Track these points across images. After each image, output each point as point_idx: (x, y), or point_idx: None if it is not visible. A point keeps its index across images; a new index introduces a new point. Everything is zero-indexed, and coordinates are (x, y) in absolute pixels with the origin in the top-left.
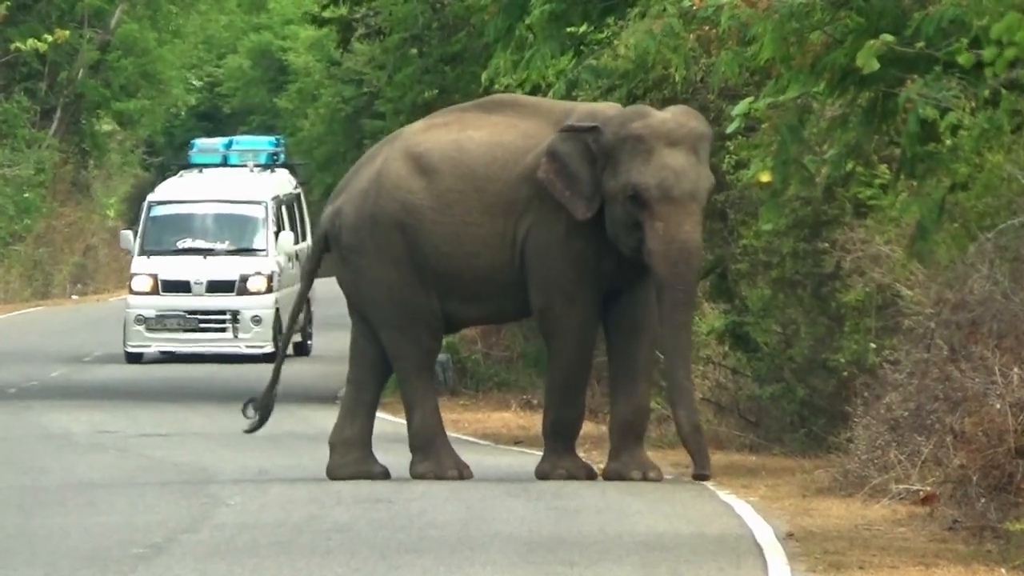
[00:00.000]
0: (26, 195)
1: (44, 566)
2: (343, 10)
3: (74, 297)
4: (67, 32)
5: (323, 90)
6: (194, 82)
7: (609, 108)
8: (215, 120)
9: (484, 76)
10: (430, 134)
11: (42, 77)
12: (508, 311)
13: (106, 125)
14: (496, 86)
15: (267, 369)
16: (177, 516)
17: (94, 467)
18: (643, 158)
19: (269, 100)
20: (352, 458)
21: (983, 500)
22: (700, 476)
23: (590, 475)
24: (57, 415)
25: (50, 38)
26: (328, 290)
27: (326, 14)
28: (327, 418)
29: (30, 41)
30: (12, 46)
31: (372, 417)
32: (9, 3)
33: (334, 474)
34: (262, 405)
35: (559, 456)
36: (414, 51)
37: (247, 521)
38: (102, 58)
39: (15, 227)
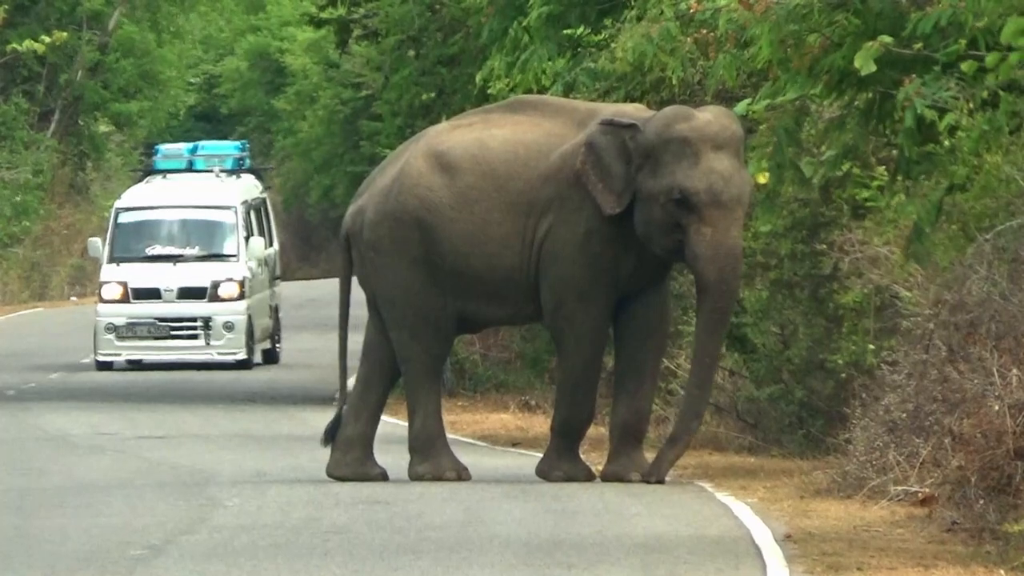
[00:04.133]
0: (23, 198)
1: (42, 567)
2: (341, 11)
3: (73, 299)
4: (64, 34)
5: (321, 92)
6: (191, 80)
7: (635, 109)
8: (213, 121)
9: (479, 77)
10: (454, 133)
11: (40, 79)
12: (528, 312)
13: (103, 127)
14: (490, 88)
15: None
16: (175, 518)
17: (92, 469)
18: (690, 161)
19: (266, 102)
20: (352, 457)
21: (982, 501)
22: (648, 477)
23: (589, 477)
24: (55, 417)
25: (47, 39)
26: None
27: (324, 15)
28: (325, 419)
29: (27, 42)
30: (9, 47)
31: (377, 418)
32: (8, 5)
33: (333, 472)
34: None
35: (560, 456)
36: (411, 53)
37: (245, 523)
38: (101, 59)
39: (13, 229)
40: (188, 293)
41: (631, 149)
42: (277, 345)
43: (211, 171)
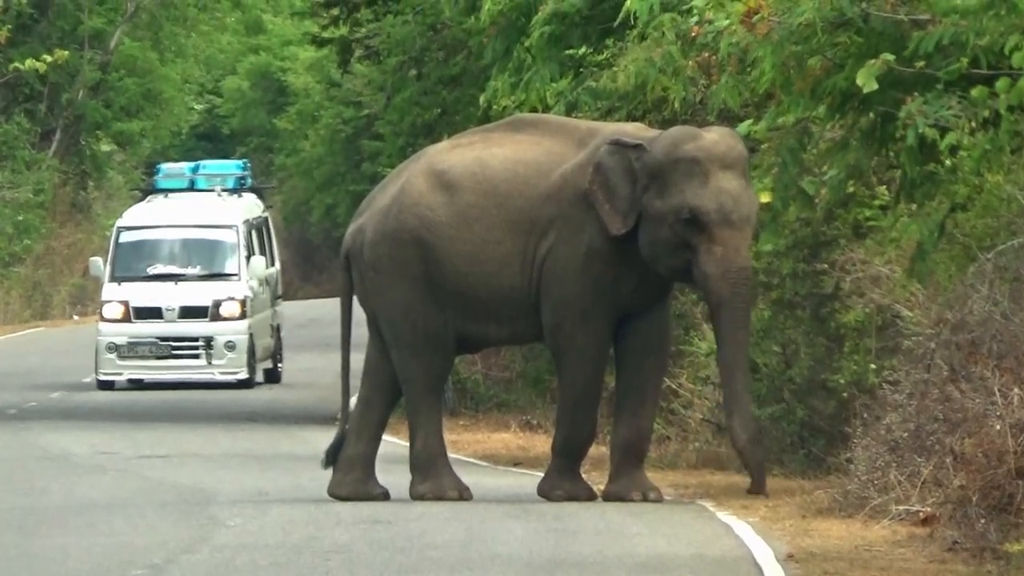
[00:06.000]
0: (25, 217)
1: None
2: (343, 30)
3: (74, 318)
4: (66, 53)
5: (323, 111)
6: (195, 106)
7: (636, 128)
8: (215, 140)
9: (482, 98)
10: (454, 152)
11: (42, 98)
12: (529, 332)
13: (105, 146)
14: (494, 108)
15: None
16: (177, 537)
17: (94, 488)
18: (699, 181)
19: (268, 121)
20: (353, 477)
21: (983, 521)
22: (755, 493)
23: (590, 496)
24: (57, 436)
25: (49, 59)
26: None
27: (326, 35)
28: (326, 439)
29: (29, 62)
30: (11, 66)
31: (378, 438)
32: (11, 25)
33: (334, 492)
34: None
35: (561, 476)
36: (413, 73)
37: (246, 542)
38: (103, 78)
39: (15, 248)
40: (189, 312)
41: (637, 169)
42: (279, 365)
43: (212, 190)
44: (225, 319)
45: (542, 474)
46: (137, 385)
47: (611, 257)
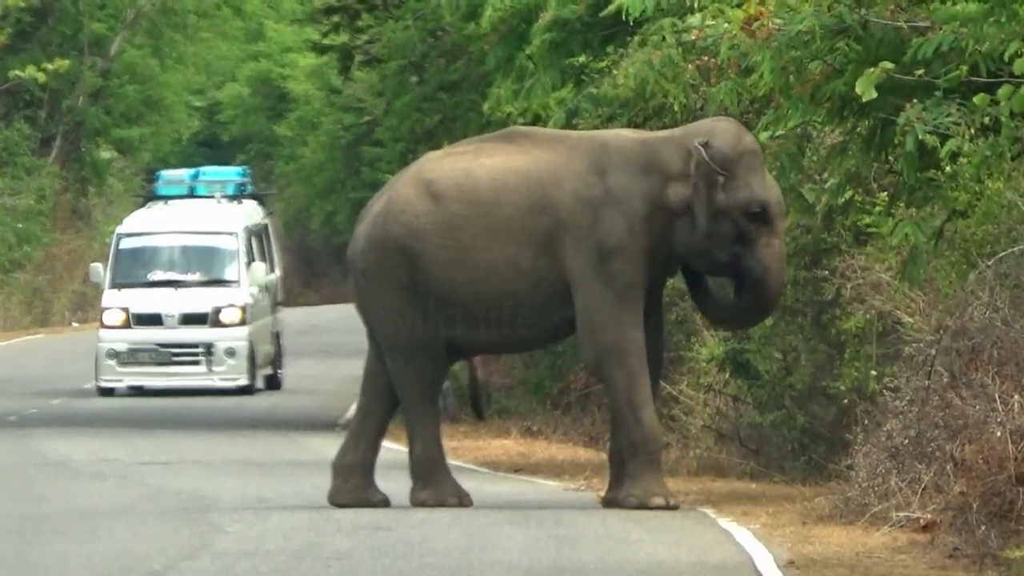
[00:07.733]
0: (25, 224)
1: None
2: (344, 37)
3: (75, 324)
4: (66, 62)
5: (323, 118)
6: (196, 103)
7: (634, 134)
8: (215, 147)
9: (485, 106)
10: (445, 161)
11: (42, 105)
12: (519, 337)
13: (105, 152)
14: (497, 115)
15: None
16: (177, 544)
17: (94, 495)
18: (759, 174)
19: (268, 128)
20: (353, 484)
21: (984, 527)
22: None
23: (673, 503)
24: (57, 443)
25: (49, 67)
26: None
27: (326, 42)
28: (327, 446)
29: (28, 69)
30: (11, 73)
31: (377, 445)
32: (9, 30)
33: (334, 499)
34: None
35: (648, 479)
36: (413, 79)
37: (247, 548)
38: (104, 85)
39: (15, 255)
40: (190, 319)
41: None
42: (279, 371)
43: (212, 197)
44: (225, 325)
45: (542, 481)
46: (137, 392)
47: (627, 256)
